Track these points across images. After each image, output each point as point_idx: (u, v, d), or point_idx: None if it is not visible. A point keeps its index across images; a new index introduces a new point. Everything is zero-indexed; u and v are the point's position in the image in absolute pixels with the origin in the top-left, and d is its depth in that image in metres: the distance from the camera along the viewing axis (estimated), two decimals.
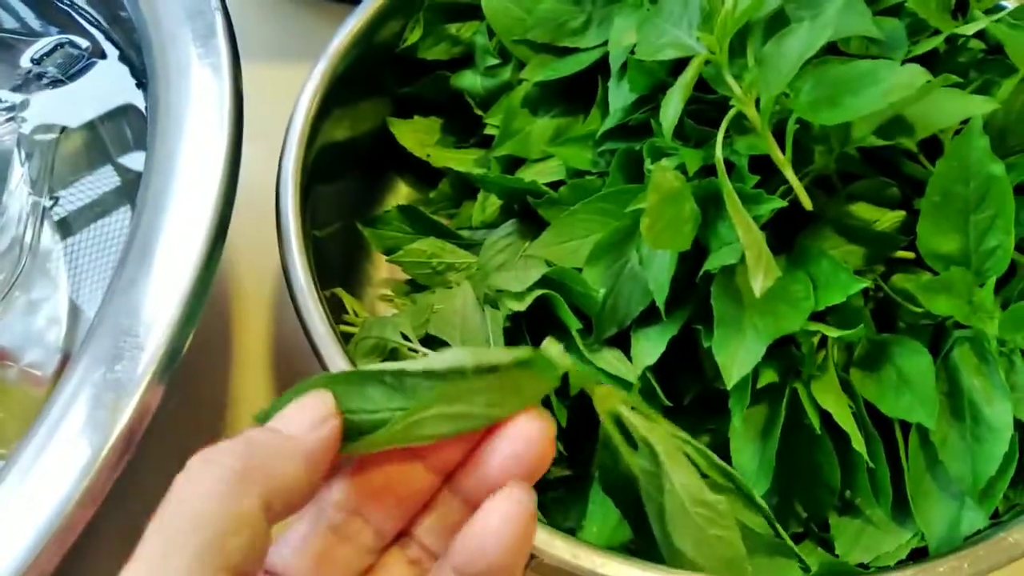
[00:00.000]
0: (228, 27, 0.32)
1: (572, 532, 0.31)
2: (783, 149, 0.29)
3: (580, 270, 0.33)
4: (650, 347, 0.31)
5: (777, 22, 0.28)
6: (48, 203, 0.42)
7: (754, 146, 0.28)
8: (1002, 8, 0.40)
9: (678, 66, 0.31)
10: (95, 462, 0.23)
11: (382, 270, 0.44)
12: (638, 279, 0.31)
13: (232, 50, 0.31)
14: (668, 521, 0.21)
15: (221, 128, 0.29)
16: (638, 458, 0.21)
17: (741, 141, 0.28)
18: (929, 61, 0.35)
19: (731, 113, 0.27)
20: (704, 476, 0.22)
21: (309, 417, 0.19)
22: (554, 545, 0.27)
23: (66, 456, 0.24)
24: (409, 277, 0.41)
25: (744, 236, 0.25)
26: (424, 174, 0.44)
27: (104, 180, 0.43)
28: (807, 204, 0.27)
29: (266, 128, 0.38)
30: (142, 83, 0.38)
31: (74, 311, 0.41)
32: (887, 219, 0.33)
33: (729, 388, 0.28)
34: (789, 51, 0.26)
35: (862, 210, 0.33)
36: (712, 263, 0.28)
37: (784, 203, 0.27)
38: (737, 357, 0.27)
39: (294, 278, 0.32)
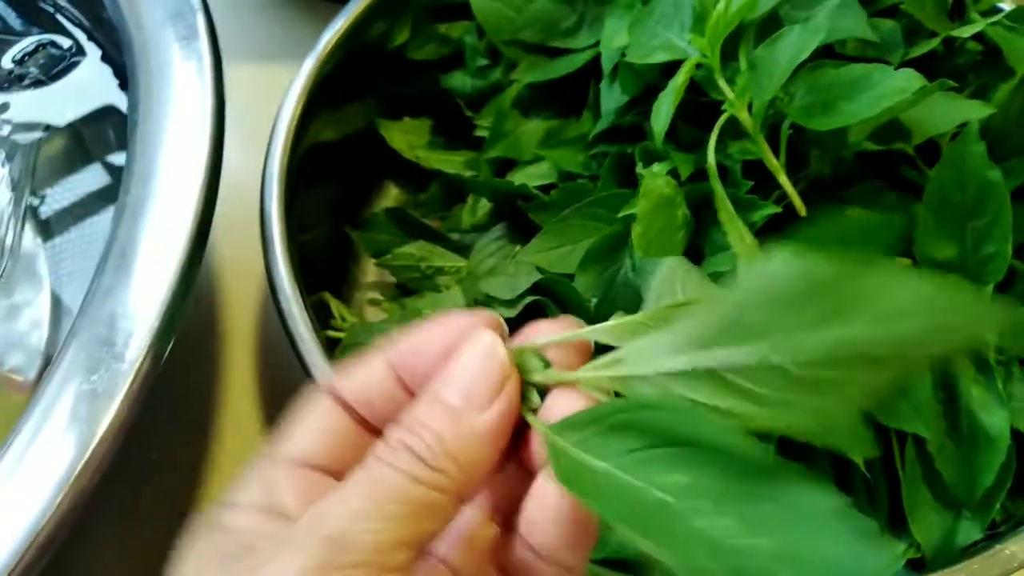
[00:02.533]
0: (210, 28, 0.32)
1: None
2: (777, 154, 0.29)
3: (572, 276, 0.32)
4: None
5: (770, 25, 0.28)
6: (32, 203, 0.42)
7: (747, 151, 0.28)
8: (999, 10, 0.40)
9: (670, 69, 0.31)
10: (70, 475, 0.23)
11: (370, 273, 0.44)
12: (631, 286, 0.31)
13: (214, 52, 0.31)
14: None
15: (202, 131, 0.28)
16: None
17: (734, 146, 0.28)
18: (925, 64, 0.35)
19: (723, 118, 0.27)
20: None
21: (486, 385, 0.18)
22: None
23: (42, 467, 0.24)
24: (398, 281, 0.41)
25: (737, 244, 0.24)
26: (414, 176, 0.44)
27: (87, 181, 0.42)
28: (801, 210, 0.27)
29: (253, 129, 0.38)
30: (125, 84, 0.37)
31: (57, 314, 0.41)
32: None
33: None
34: (781, 55, 0.25)
35: (860, 215, 0.33)
36: (705, 270, 0.28)
37: (778, 209, 0.27)
38: None
39: (278, 284, 0.32)
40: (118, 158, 0.42)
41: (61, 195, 0.43)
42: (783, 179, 0.27)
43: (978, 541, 0.29)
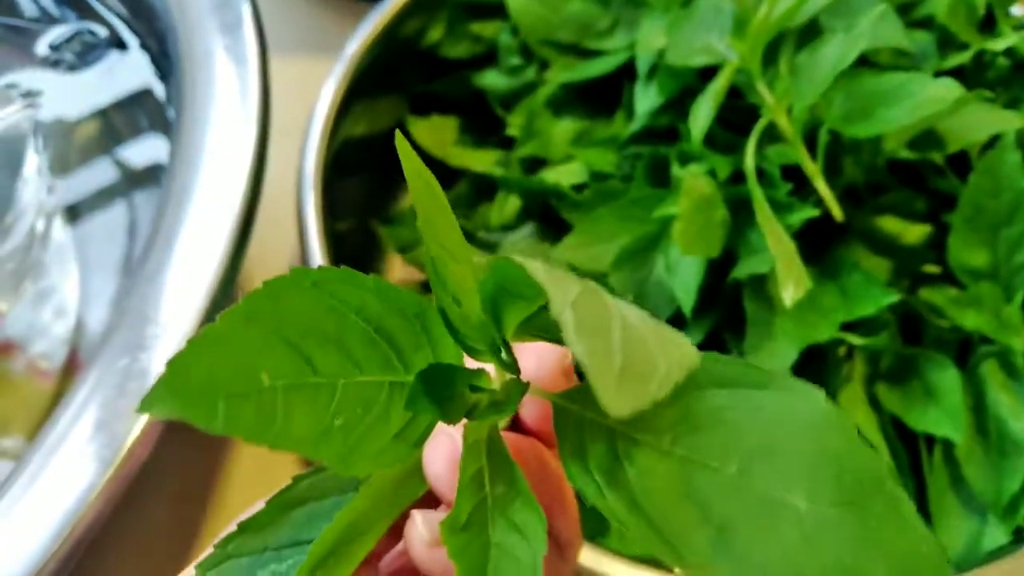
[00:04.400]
0: (256, 17, 0.32)
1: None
2: (815, 159, 0.29)
3: (604, 276, 0.33)
4: None
5: (810, 32, 0.29)
6: (62, 190, 0.43)
7: (785, 155, 0.29)
8: None
9: (707, 72, 0.31)
10: (119, 453, 0.24)
11: (397, 269, 0.45)
12: (663, 286, 0.32)
13: (260, 41, 0.32)
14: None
15: (247, 121, 0.29)
16: None
17: (772, 149, 0.29)
18: (957, 75, 0.36)
19: (762, 122, 0.28)
20: None
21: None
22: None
23: (88, 448, 0.25)
24: (425, 278, 0.42)
25: (774, 246, 0.25)
26: (440, 174, 0.45)
27: (118, 170, 0.43)
28: (838, 215, 0.28)
29: (286, 123, 0.38)
30: (161, 73, 0.38)
31: (83, 302, 0.41)
32: (913, 232, 0.33)
33: None
34: (823, 62, 0.26)
35: (889, 223, 0.34)
36: (741, 271, 0.28)
37: (817, 212, 0.28)
38: (769, 359, 0.27)
39: None
40: (150, 147, 0.42)
41: (89, 181, 0.44)
42: (820, 184, 0.28)
43: (1004, 546, 0.30)
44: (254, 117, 0.29)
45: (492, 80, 0.43)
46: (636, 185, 0.35)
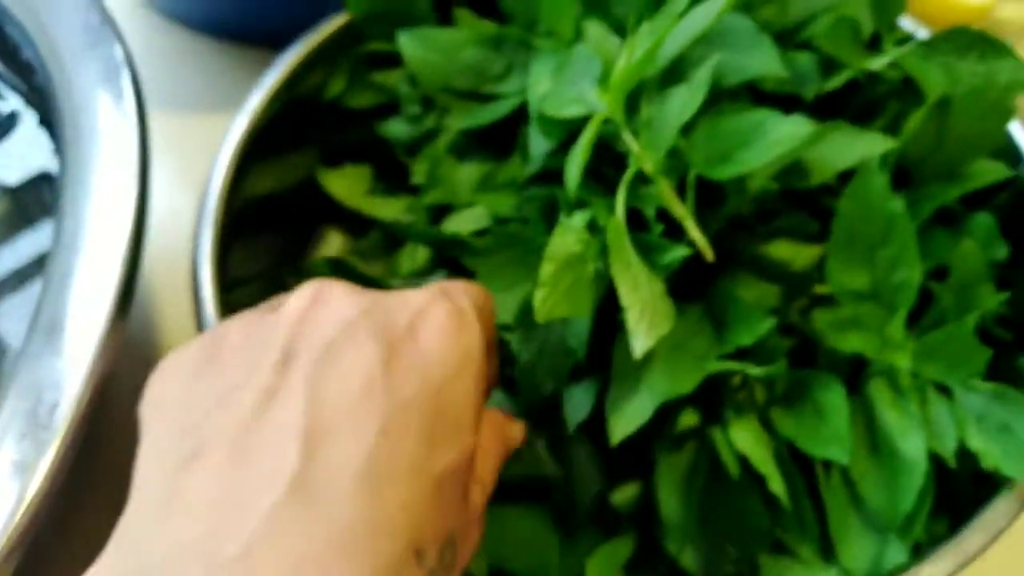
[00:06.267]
0: (137, 92, 0.33)
1: None
2: (685, 200, 0.30)
3: (508, 326, 0.34)
4: (580, 403, 0.32)
5: (672, 76, 0.30)
6: None
7: (659, 197, 0.29)
8: (914, 39, 0.42)
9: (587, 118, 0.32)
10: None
11: None
12: (562, 338, 0.32)
13: (141, 118, 0.32)
14: None
15: (128, 198, 0.30)
16: None
17: (645, 193, 0.30)
18: (845, 94, 0.37)
19: (630, 171, 0.29)
20: None
21: None
22: None
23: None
24: None
25: (626, 296, 0.26)
26: (356, 222, 0.45)
27: (29, 245, 0.43)
28: (709, 256, 0.29)
29: (194, 180, 0.39)
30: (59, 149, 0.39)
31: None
32: (803, 255, 0.34)
33: (612, 446, 0.29)
34: (670, 113, 0.27)
35: (781, 247, 0.35)
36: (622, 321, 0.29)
37: (689, 251, 0.29)
38: (625, 415, 0.28)
39: None
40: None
41: (6, 259, 0.44)
42: (690, 226, 0.29)
43: (905, 563, 0.30)
44: (134, 192, 0.29)
45: (395, 129, 0.43)
46: (532, 228, 0.36)
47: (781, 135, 0.27)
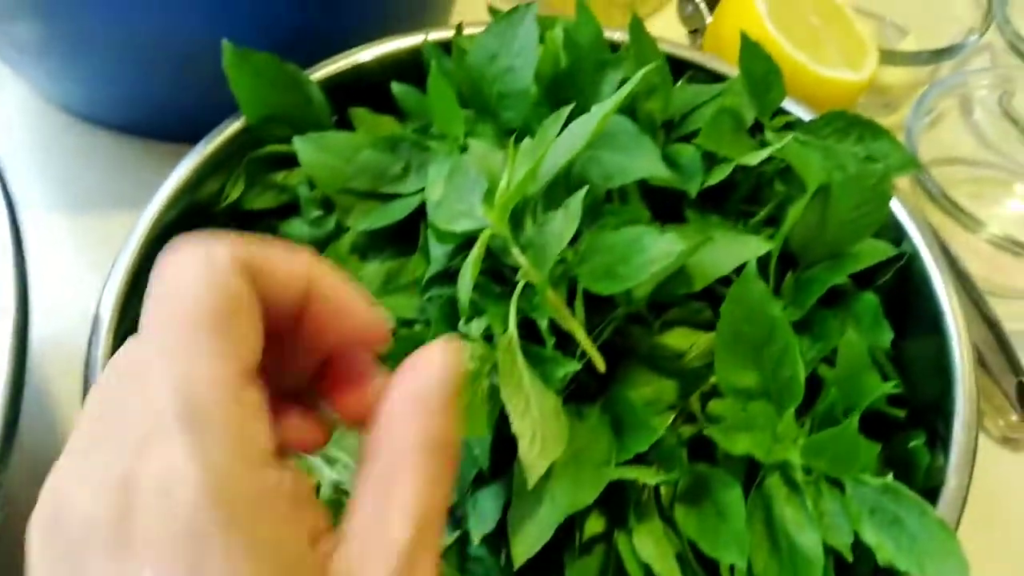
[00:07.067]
0: (15, 234, 0.32)
1: None
2: (584, 305, 0.31)
3: None
4: (486, 514, 0.32)
5: (556, 186, 0.30)
6: None
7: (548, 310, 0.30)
8: (797, 121, 0.44)
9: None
10: None
11: None
12: (466, 447, 0.32)
13: (19, 254, 0.32)
14: None
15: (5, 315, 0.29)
16: None
17: (538, 302, 0.30)
18: (729, 184, 0.39)
19: (520, 286, 0.29)
20: None
21: None
22: None
23: None
24: None
25: (517, 422, 0.26)
26: None
27: None
28: (600, 366, 0.29)
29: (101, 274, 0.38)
30: None
31: None
32: (700, 342, 0.35)
33: (515, 568, 0.29)
34: (551, 234, 0.28)
35: (677, 336, 0.35)
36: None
37: (578, 365, 0.29)
38: (528, 536, 0.28)
39: None
40: None
41: None
42: (580, 336, 0.29)
43: None
44: (9, 341, 0.29)
45: (297, 230, 0.43)
46: (433, 331, 0.36)
47: (657, 253, 0.27)
